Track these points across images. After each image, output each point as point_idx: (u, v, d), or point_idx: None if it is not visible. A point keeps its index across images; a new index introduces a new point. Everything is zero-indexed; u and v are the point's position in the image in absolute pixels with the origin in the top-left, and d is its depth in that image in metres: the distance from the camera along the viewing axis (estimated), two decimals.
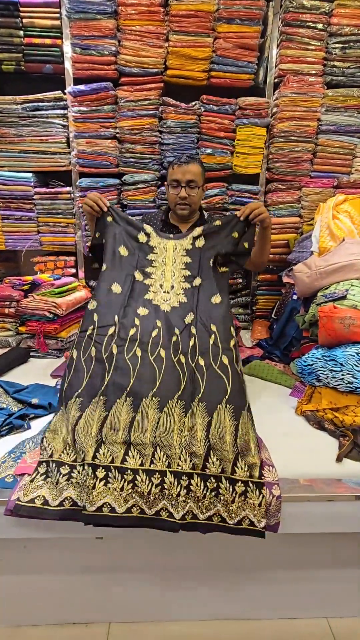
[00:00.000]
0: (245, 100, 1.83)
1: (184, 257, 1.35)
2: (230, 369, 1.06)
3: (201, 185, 1.54)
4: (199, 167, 1.52)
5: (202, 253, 1.35)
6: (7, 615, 0.98)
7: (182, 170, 1.48)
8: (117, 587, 0.99)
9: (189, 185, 1.50)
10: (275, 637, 0.97)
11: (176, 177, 1.49)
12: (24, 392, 1.24)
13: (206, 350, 1.11)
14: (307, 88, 1.82)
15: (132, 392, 0.98)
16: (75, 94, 1.81)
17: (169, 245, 1.36)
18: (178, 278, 1.32)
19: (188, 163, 1.49)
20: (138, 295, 1.26)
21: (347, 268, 1.39)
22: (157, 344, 1.11)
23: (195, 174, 1.49)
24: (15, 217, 2.01)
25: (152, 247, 1.36)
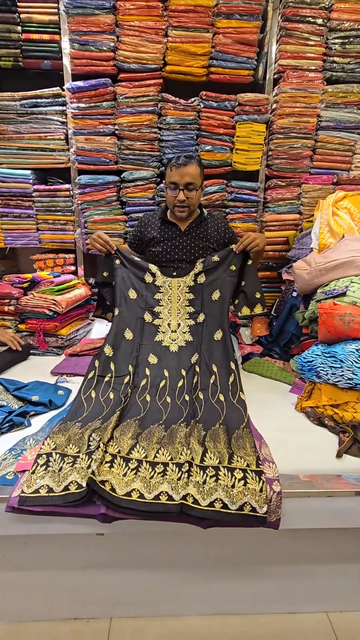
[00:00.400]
0: (244, 97, 1.82)
1: (188, 294, 1.46)
2: (225, 403, 1.15)
3: (200, 186, 1.52)
4: (197, 168, 1.49)
5: (204, 289, 1.46)
6: (9, 611, 0.99)
7: (180, 172, 1.46)
8: (118, 583, 0.99)
9: (187, 187, 1.48)
10: (276, 632, 0.98)
11: (174, 179, 1.47)
12: (24, 389, 1.24)
13: (206, 387, 1.22)
14: (306, 84, 1.81)
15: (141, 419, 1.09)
16: (73, 90, 1.80)
17: (173, 284, 1.48)
18: (183, 315, 1.44)
19: (186, 165, 1.46)
20: (148, 339, 1.38)
21: (347, 265, 1.39)
22: (164, 391, 1.22)
23: (193, 176, 1.47)
24: (14, 215, 2.00)
25: (158, 287, 1.48)
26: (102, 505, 0.82)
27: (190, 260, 1.58)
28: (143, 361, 1.32)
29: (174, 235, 1.60)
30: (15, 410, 1.12)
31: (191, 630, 0.98)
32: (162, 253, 1.59)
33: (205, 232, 1.61)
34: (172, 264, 1.58)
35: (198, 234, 1.60)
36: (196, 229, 1.61)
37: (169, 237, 1.60)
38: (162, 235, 1.60)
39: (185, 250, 1.58)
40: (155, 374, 1.28)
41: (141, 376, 1.27)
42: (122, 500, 0.82)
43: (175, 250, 1.58)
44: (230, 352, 1.34)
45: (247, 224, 2.00)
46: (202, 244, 1.59)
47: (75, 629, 0.97)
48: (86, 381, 1.24)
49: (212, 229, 1.62)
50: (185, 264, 1.57)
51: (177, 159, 1.48)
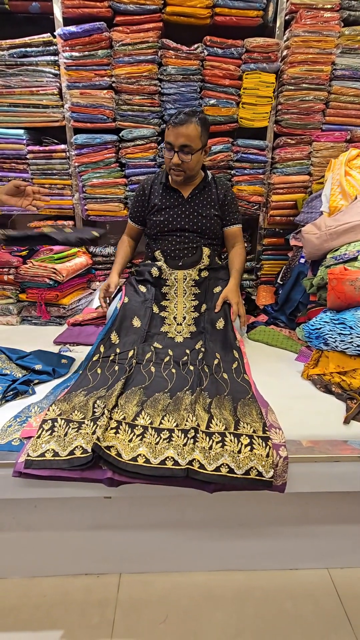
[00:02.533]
0: (253, 42, 1.66)
1: (193, 288, 1.48)
2: (229, 380, 1.13)
3: (199, 148, 1.39)
4: (197, 128, 1.36)
5: (207, 282, 1.50)
6: (22, 567, 1.03)
7: (176, 132, 1.34)
8: (126, 541, 1.02)
9: (182, 150, 1.37)
10: (279, 586, 1.02)
11: (169, 139, 1.37)
12: (27, 358, 1.23)
13: (210, 365, 1.21)
14: (321, 26, 1.64)
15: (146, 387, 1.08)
16: (65, 37, 1.65)
17: (179, 276, 1.49)
18: (189, 309, 1.46)
19: (183, 124, 1.33)
20: (155, 328, 1.39)
21: (359, 227, 1.32)
22: (169, 364, 1.21)
23: (190, 137, 1.35)
24: (9, 179, 1.90)
25: (165, 280, 1.50)
26: (108, 470, 0.83)
27: (193, 229, 1.51)
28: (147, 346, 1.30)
29: (176, 203, 1.51)
30: (19, 378, 1.11)
31: (196, 584, 1.02)
32: (164, 222, 1.52)
33: (209, 199, 1.52)
34: (174, 232, 1.51)
35: (202, 200, 1.52)
36: (199, 196, 1.52)
37: (170, 205, 1.51)
38: (164, 202, 1.52)
39: (188, 220, 1.51)
40: (160, 352, 1.27)
41: (146, 351, 1.26)
42: (128, 465, 0.82)
43: (178, 219, 1.51)
44: (232, 340, 1.31)
45: (253, 187, 1.90)
46: (205, 211, 1.51)
47: (87, 583, 1.02)
48: (90, 362, 1.22)
49: (214, 194, 1.54)
50: (188, 232, 1.51)
51: (176, 115, 1.37)
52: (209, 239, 1.53)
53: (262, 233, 2.03)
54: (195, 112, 1.40)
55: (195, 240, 1.51)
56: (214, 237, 1.55)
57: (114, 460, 0.82)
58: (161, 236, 1.53)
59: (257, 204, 1.93)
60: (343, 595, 1.00)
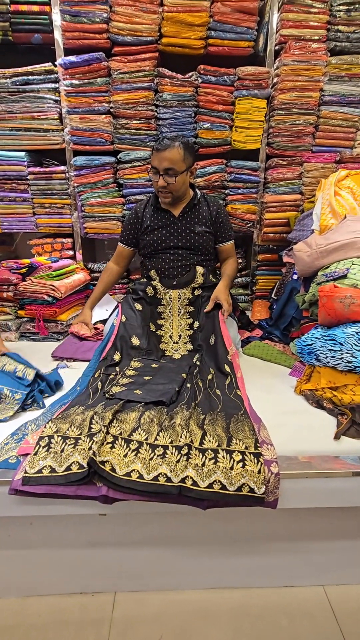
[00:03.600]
0: (244, 70, 1.75)
1: (188, 307, 1.52)
2: (222, 397, 1.14)
3: (184, 170, 1.45)
4: (179, 152, 1.41)
5: (201, 300, 1.53)
6: (17, 586, 1.03)
7: (159, 157, 1.41)
8: (121, 559, 1.02)
9: (167, 173, 1.42)
10: (274, 604, 1.02)
11: (154, 163, 1.44)
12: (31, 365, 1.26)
13: (204, 380, 1.23)
14: (309, 55, 1.73)
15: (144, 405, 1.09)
16: (66, 66, 1.73)
17: (173, 295, 1.52)
18: (184, 327, 1.50)
19: (165, 149, 1.39)
20: (153, 346, 1.43)
21: (348, 246, 1.36)
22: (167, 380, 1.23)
23: (172, 161, 1.41)
24: (10, 199, 1.96)
25: (160, 299, 1.53)
26: (102, 487, 0.84)
27: (185, 246, 1.55)
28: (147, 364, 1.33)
29: (167, 222, 1.55)
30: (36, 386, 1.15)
31: (191, 601, 1.02)
32: (157, 241, 1.55)
33: (200, 216, 1.57)
34: (167, 250, 1.56)
35: (192, 218, 1.56)
36: (190, 214, 1.56)
37: (162, 225, 1.55)
38: (156, 222, 1.56)
39: (180, 237, 1.55)
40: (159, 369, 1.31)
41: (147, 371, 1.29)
42: (121, 480, 0.84)
43: (170, 237, 1.55)
44: (223, 356, 1.32)
45: (247, 205, 1.96)
46: (197, 228, 1.55)
47: (81, 602, 1.01)
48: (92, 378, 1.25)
49: (206, 211, 1.58)
50: (181, 250, 1.55)
51: (160, 141, 1.43)
52: (201, 255, 1.58)
53: (256, 249, 2.09)
54: (177, 137, 1.45)
55: (188, 257, 1.55)
56: (206, 253, 1.59)
57: (108, 475, 0.84)
58: (155, 254, 1.57)
59: (251, 222, 1.99)
60: (338, 612, 1.00)
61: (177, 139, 1.43)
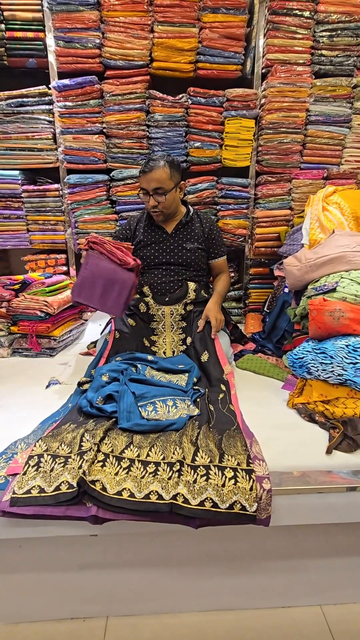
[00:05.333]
0: (232, 92, 1.81)
1: (180, 322, 1.54)
2: (215, 412, 1.13)
3: (172, 188, 1.48)
4: (165, 171, 1.44)
5: (193, 315, 1.55)
6: (5, 612, 0.99)
7: (146, 179, 1.45)
8: (113, 581, 1.00)
9: (156, 192, 1.46)
10: (271, 626, 0.99)
11: (143, 185, 1.48)
12: None
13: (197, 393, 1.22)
14: (295, 78, 1.80)
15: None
16: (60, 89, 1.78)
17: (166, 312, 1.54)
18: (177, 343, 1.52)
19: (152, 170, 1.43)
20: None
21: (336, 260, 1.39)
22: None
23: (160, 181, 1.44)
24: (4, 216, 1.99)
25: (152, 315, 1.55)
26: (92, 507, 0.83)
27: (178, 262, 1.57)
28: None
29: (160, 239, 1.58)
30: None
31: (187, 626, 0.99)
32: (150, 257, 1.58)
33: (191, 232, 1.60)
34: (160, 266, 1.58)
35: (185, 235, 1.59)
36: (183, 230, 1.60)
37: (156, 241, 1.59)
38: (149, 238, 1.59)
39: (173, 254, 1.57)
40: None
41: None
42: (112, 499, 0.82)
43: (163, 253, 1.58)
44: (216, 372, 1.32)
45: (238, 221, 2.00)
46: (189, 245, 1.58)
47: (72, 629, 0.98)
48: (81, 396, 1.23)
49: (198, 228, 1.61)
50: (174, 265, 1.57)
51: (146, 163, 1.47)
52: (194, 271, 1.60)
53: (248, 263, 2.11)
54: (162, 156, 1.48)
55: (180, 272, 1.57)
56: (198, 269, 1.61)
57: (98, 494, 0.82)
58: (148, 270, 1.59)
59: (242, 237, 2.03)
60: (336, 633, 0.97)
61: (162, 159, 1.47)
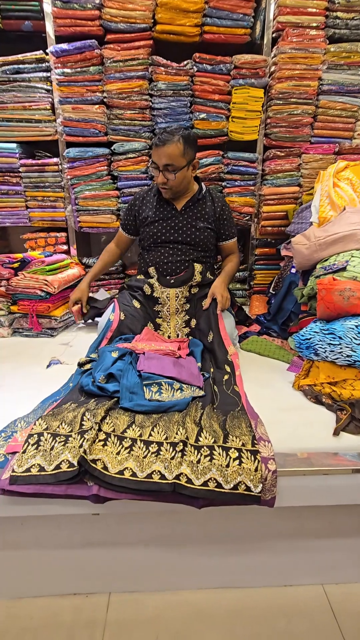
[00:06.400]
0: (241, 58, 1.70)
1: (185, 305, 1.49)
2: (219, 394, 1.12)
3: (184, 166, 1.41)
4: (179, 146, 1.36)
5: (197, 299, 1.49)
6: (8, 587, 1.00)
7: (159, 153, 1.37)
8: (116, 559, 1.00)
9: (166, 169, 1.40)
10: (272, 604, 1.00)
11: (154, 159, 1.41)
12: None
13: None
14: (307, 43, 1.69)
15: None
16: (58, 54, 1.68)
17: (171, 294, 1.48)
18: (180, 326, 1.48)
19: (164, 144, 1.36)
20: None
21: (347, 238, 1.33)
22: None
23: (172, 157, 1.37)
24: (2, 192, 1.92)
25: (157, 298, 1.49)
26: (93, 486, 0.81)
27: (186, 241, 1.52)
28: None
29: (169, 215, 1.52)
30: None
31: (188, 602, 0.99)
32: (157, 234, 1.52)
33: (202, 212, 1.54)
34: (167, 244, 1.52)
35: (195, 213, 1.53)
36: (193, 208, 1.53)
37: (164, 217, 1.52)
38: (157, 214, 1.53)
39: (181, 232, 1.52)
40: None
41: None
42: (114, 479, 0.81)
43: (171, 231, 1.52)
44: (221, 354, 1.30)
45: (244, 198, 1.92)
46: (198, 224, 1.52)
47: (75, 604, 0.99)
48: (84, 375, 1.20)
49: (210, 207, 1.55)
50: (181, 244, 1.51)
51: (159, 135, 1.40)
52: (201, 252, 1.54)
53: (254, 243, 2.05)
54: (179, 129, 1.40)
55: (187, 252, 1.52)
56: (206, 250, 1.56)
57: (99, 474, 0.81)
58: (154, 247, 1.54)
59: (248, 215, 1.96)
60: (338, 612, 0.97)
61: (177, 132, 1.38)
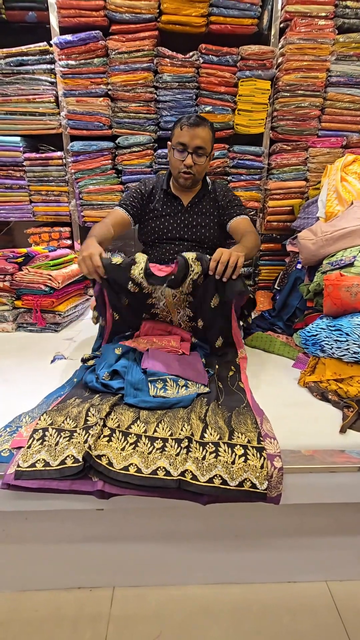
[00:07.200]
0: (247, 49, 1.67)
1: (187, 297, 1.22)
2: (224, 389, 1.10)
3: (209, 152, 1.39)
4: (210, 132, 1.37)
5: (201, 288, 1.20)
6: (13, 580, 1.01)
7: (192, 133, 1.32)
8: (120, 554, 1.00)
9: (196, 152, 1.35)
10: (276, 599, 1.00)
11: (183, 140, 1.34)
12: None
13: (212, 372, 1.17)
14: (316, 33, 1.65)
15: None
16: (62, 46, 1.66)
17: (166, 293, 1.21)
18: (184, 320, 1.28)
19: (199, 125, 1.32)
20: None
21: (355, 233, 1.31)
22: None
23: (205, 140, 1.34)
24: (6, 186, 1.91)
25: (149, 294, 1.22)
26: (98, 482, 0.81)
27: (192, 239, 1.49)
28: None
29: (175, 211, 1.50)
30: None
31: (192, 597, 0.99)
32: (163, 230, 1.50)
33: (208, 206, 1.51)
34: (172, 241, 1.50)
35: (201, 209, 1.51)
36: (199, 204, 1.51)
37: (169, 213, 1.50)
38: (164, 209, 1.50)
39: (187, 229, 1.49)
40: None
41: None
42: (119, 474, 0.80)
43: (177, 228, 1.50)
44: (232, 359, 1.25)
45: (250, 192, 1.90)
46: (204, 220, 1.50)
47: (79, 597, 0.99)
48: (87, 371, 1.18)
49: (213, 200, 1.52)
50: (187, 242, 1.49)
51: (188, 117, 1.35)
52: (207, 248, 1.53)
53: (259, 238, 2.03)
54: (205, 118, 1.39)
55: (192, 249, 1.49)
56: (212, 247, 1.53)
57: (104, 469, 0.80)
58: (158, 244, 1.52)
59: (254, 210, 1.93)
60: (342, 609, 0.97)
61: (207, 120, 1.37)
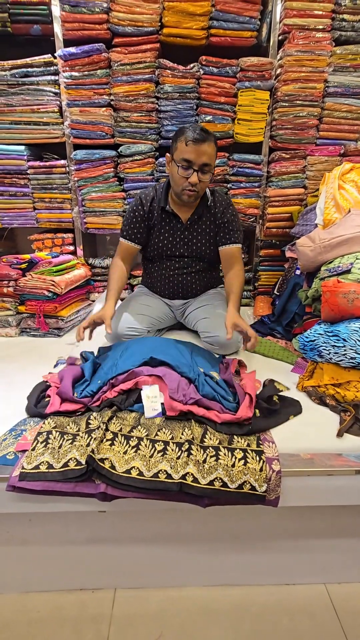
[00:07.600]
0: (247, 61, 1.71)
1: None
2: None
3: (213, 168, 1.33)
4: (215, 146, 1.30)
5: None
6: (16, 582, 1.02)
7: (198, 150, 1.24)
8: (121, 556, 1.02)
9: (202, 169, 1.28)
10: (275, 601, 1.01)
11: (189, 157, 1.26)
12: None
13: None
14: (313, 45, 1.69)
15: None
16: (66, 58, 1.70)
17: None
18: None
19: (205, 141, 1.24)
20: None
21: (352, 240, 1.34)
22: None
23: (211, 156, 1.27)
24: (10, 193, 1.95)
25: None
26: (101, 484, 0.83)
27: (192, 255, 1.51)
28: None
29: (174, 229, 1.47)
30: None
31: (192, 599, 1.01)
32: (163, 248, 1.50)
33: (207, 222, 1.48)
34: (172, 258, 1.52)
35: (200, 225, 1.48)
36: (198, 220, 1.47)
37: (168, 231, 1.48)
38: (163, 226, 1.48)
39: (187, 247, 1.50)
40: None
41: None
42: (121, 477, 0.83)
43: (177, 246, 1.50)
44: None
45: (249, 200, 1.93)
46: (204, 237, 1.49)
47: (81, 599, 1.01)
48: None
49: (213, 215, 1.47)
50: (187, 258, 1.52)
51: (193, 131, 1.25)
52: (207, 262, 1.55)
53: (258, 244, 2.06)
54: (209, 131, 1.30)
55: (192, 265, 1.53)
56: (212, 262, 1.56)
57: (107, 472, 0.83)
58: (158, 260, 1.54)
59: (253, 217, 1.97)
60: (340, 611, 0.99)
61: (211, 133, 1.30)
